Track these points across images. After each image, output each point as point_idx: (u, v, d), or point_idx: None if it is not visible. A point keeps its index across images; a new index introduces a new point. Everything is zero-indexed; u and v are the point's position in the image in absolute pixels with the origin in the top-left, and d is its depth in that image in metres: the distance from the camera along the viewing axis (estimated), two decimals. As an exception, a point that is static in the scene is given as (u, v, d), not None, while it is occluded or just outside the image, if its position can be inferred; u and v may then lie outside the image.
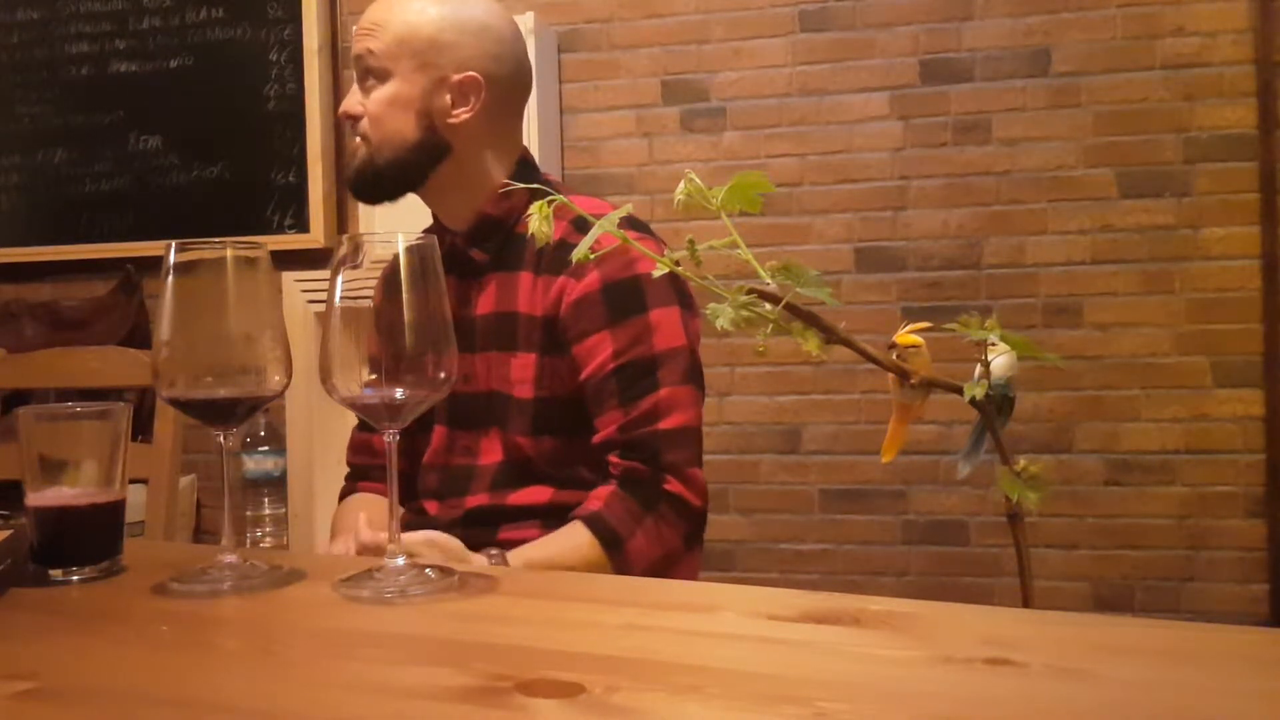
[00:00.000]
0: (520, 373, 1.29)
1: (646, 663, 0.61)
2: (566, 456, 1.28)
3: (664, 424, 1.23)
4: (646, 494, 1.23)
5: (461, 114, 1.30)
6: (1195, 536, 2.47)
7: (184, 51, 3.03)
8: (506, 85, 1.33)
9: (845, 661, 0.61)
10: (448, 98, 1.29)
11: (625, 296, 1.25)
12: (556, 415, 1.28)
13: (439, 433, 1.35)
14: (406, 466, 1.41)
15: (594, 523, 1.20)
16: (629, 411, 1.23)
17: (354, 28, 1.34)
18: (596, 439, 1.26)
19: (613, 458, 1.25)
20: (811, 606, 0.70)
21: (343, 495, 1.47)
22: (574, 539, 1.20)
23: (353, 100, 1.32)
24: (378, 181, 1.33)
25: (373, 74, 1.30)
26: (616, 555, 1.20)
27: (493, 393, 1.31)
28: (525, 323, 1.29)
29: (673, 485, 1.23)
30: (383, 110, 1.29)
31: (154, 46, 3.06)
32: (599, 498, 1.23)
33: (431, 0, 1.30)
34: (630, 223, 1.29)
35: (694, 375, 1.27)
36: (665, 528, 1.23)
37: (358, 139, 1.33)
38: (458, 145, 1.31)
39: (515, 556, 1.17)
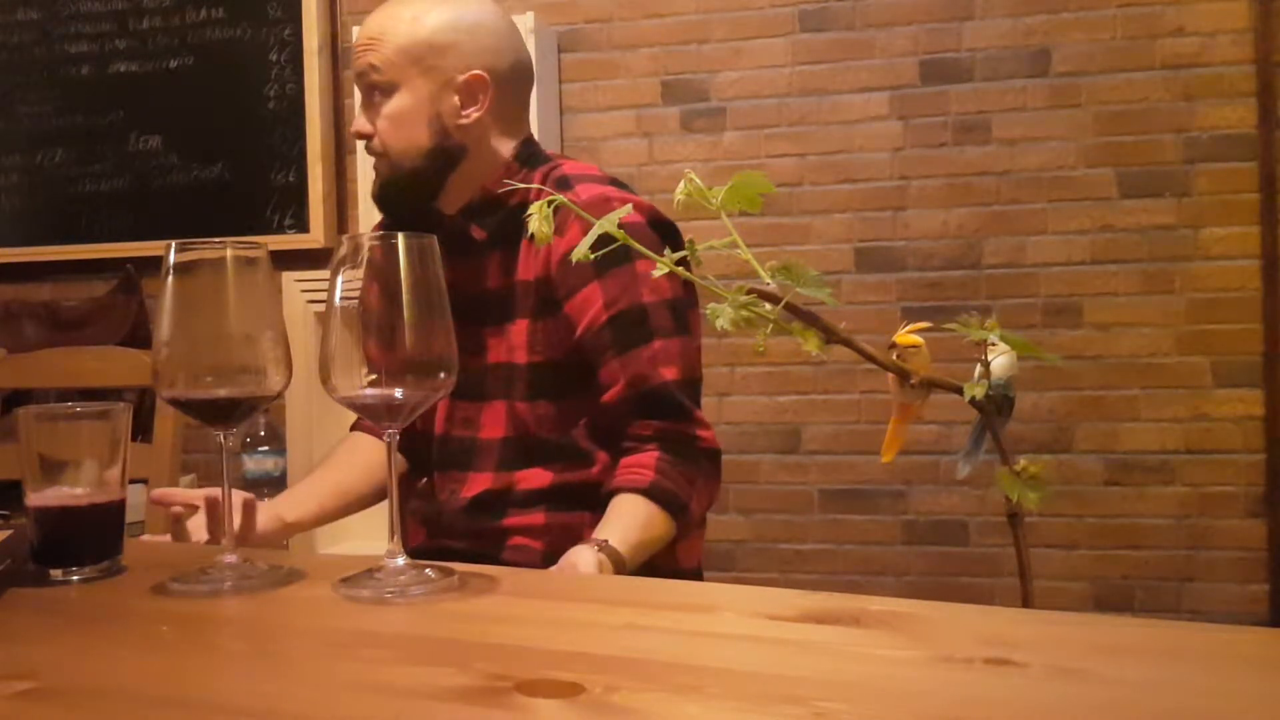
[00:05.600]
0: (517, 339, 1.30)
1: (646, 663, 0.61)
2: (561, 421, 1.29)
3: (669, 375, 1.24)
4: (689, 453, 1.25)
5: (472, 113, 1.31)
6: (1195, 536, 2.47)
7: (184, 51, 3.03)
8: (509, 78, 1.34)
9: (845, 661, 0.61)
10: (456, 99, 1.31)
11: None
12: (550, 379, 1.29)
13: (441, 404, 1.36)
14: (410, 441, 1.41)
15: (656, 494, 1.20)
16: (627, 364, 1.24)
17: (354, 42, 1.35)
18: (606, 397, 1.25)
19: (641, 421, 1.24)
20: (811, 606, 0.70)
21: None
22: (643, 514, 1.18)
23: (361, 120, 1.33)
24: (402, 194, 1.34)
25: (378, 89, 1.30)
26: (683, 520, 1.22)
27: (498, 364, 1.32)
28: (521, 288, 1.31)
29: (705, 438, 1.26)
30: (395, 124, 1.30)
31: (154, 46, 3.06)
32: (646, 466, 1.22)
33: (426, 6, 1.30)
34: (609, 180, 1.32)
35: (682, 322, 1.28)
36: (709, 483, 1.27)
37: (374, 158, 1.33)
38: (470, 144, 1.33)
39: (620, 544, 1.12)
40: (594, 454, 1.29)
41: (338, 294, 0.79)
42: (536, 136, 1.42)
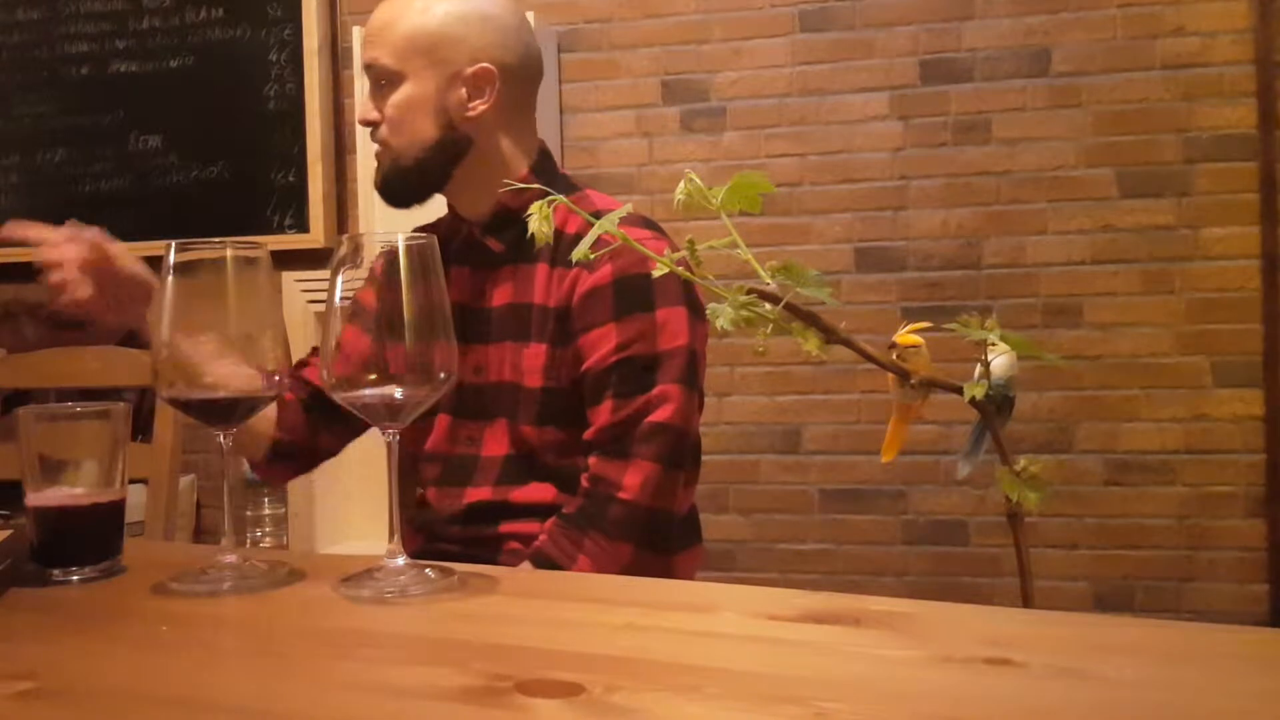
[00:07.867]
0: (531, 362, 1.29)
1: (646, 663, 0.61)
2: (569, 447, 1.28)
3: (647, 420, 1.23)
4: (589, 512, 1.22)
5: (479, 106, 1.31)
6: (1195, 536, 2.47)
7: (184, 51, 3.03)
8: (518, 72, 1.34)
9: (845, 661, 0.61)
10: (463, 91, 1.30)
11: (635, 292, 1.25)
12: (562, 406, 1.28)
13: (442, 420, 1.35)
14: (409, 461, 1.40)
15: (536, 559, 1.22)
16: (619, 408, 1.23)
17: (365, 31, 1.35)
18: (586, 435, 1.26)
19: (588, 461, 1.25)
20: (811, 606, 0.70)
21: None
22: None
23: (366, 107, 1.33)
24: (405, 186, 1.34)
25: (385, 78, 1.30)
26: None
27: (503, 383, 1.31)
28: (539, 313, 1.30)
29: (625, 491, 1.22)
30: (401, 114, 1.30)
31: (154, 46, 3.06)
32: (546, 529, 1.24)
33: None
34: (645, 222, 1.31)
35: (690, 376, 1.27)
36: (608, 542, 1.21)
37: (379, 147, 1.33)
38: (478, 138, 1.32)
39: None
40: None
41: (338, 294, 0.79)
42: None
